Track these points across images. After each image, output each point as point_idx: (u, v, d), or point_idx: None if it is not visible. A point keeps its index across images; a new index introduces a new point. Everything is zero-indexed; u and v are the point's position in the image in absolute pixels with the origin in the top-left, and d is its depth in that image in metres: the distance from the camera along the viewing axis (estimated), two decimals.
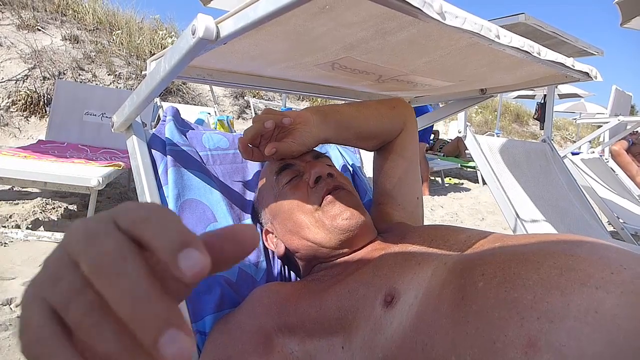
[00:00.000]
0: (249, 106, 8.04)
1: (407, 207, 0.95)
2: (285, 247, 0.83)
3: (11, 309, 1.69)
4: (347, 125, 0.88)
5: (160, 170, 0.87)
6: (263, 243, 0.90)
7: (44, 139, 3.49)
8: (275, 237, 0.85)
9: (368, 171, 1.24)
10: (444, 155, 7.06)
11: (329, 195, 0.77)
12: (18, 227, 2.52)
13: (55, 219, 2.75)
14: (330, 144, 1.24)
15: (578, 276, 0.43)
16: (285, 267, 0.93)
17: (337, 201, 0.76)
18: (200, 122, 4.92)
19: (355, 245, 0.76)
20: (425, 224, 0.94)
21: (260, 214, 0.90)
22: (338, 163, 1.21)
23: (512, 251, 0.53)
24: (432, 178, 6.42)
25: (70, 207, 2.99)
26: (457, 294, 0.50)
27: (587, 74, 0.79)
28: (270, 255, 0.92)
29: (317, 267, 0.80)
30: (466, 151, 6.79)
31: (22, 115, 5.18)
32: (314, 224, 0.76)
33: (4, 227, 2.46)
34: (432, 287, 0.54)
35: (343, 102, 1.05)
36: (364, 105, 0.95)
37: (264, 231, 0.89)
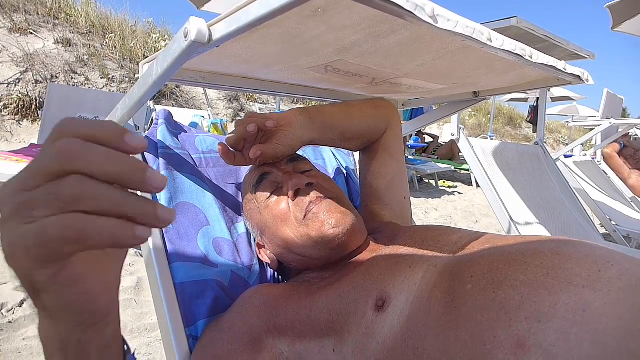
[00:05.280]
0: (243, 109, 8.04)
1: (394, 207, 0.94)
2: (278, 261, 0.83)
3: (2, 313, 1.67)
4: (331, 126, 0.87)
5: None
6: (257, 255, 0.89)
7: (37, 143, 3.46)
8: (268, 250, 0.84)
9: None
10: (437, 158, 7.09)
11: (311, 208, 0.74)
12: None
13: None
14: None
15: (565, 275, 0.43)
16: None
17: (321, 212, 0.73)
18: (194, 125, 4.90)
19: (348, 250, 0.75)
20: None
21: (249, 226, 0.89)
22: (332, 165, 1.20)
23: (500, 252, 0.53)
24: (426, 181, 6.44)
25: None
26: (447, 296, 0.50)
27: (579, 77, 0.80)
28: None
29: (309, 271, 0.80)
30: (460, 154, 6.81)
31: (14, 119, 5.14)
32: (300, 239, 0.74)
33: None
34: (422, 290, 0.54)
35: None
36: (348, 105, 0.95)
37: (256, 244, 0.89)
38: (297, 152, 0.86)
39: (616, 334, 0.36)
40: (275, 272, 0.91)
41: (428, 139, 7.83)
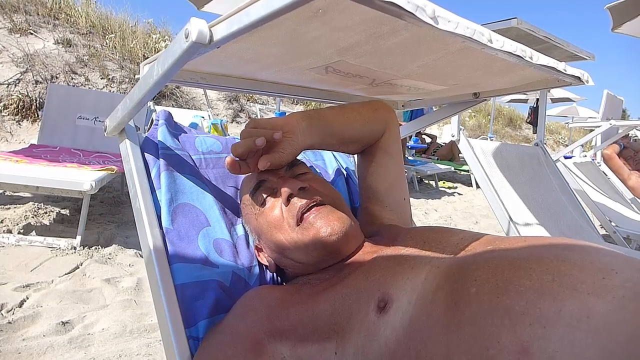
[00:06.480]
0: (243, 110, 8.05)
1: (394, 209, 0.94)
2: (275, 264, 0.85)
3: (2, 314, 1.67)
4: (331, 131, 0.88)
5: (153, 174, 0.86)
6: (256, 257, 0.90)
7: (36, 143, 3.46)
8: (266, 254, 0.85)
9: None
10: (437, 159, 7.09)
11: (305, 214, 0.75)
12: (10, 232, 2.50)
13: (48, 224, 2.73)
14: None
15: (570, 282, 0.42)
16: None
17: (316, 219, 0.74)
18: (194, 125, 4.91)
19: (342, 255, 0.76)
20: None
21: (247, 230, 0.90)
22: (332, 166, 1.20)
23: (504, 256, 0.52)
24: (426, 182, 6.44)
25: (63, 211, 2.97)
26: (450, 299, 0.49)
27: (579, 78, 0.80)
28: None
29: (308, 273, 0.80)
30: (460, 155, 6.81)
31: (14, 120, 5.14)
32: (293, 245, 0.75)
33: None
34: (425, 292, 0.53)
35: (337, 105, 1.05)
36: (347, 109, 0.95)
37: (255, 247, 0.90)
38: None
39: (620, 340, 0.36)
40: (274, 274, 0.91)
41: (428, 140, 7.83)
